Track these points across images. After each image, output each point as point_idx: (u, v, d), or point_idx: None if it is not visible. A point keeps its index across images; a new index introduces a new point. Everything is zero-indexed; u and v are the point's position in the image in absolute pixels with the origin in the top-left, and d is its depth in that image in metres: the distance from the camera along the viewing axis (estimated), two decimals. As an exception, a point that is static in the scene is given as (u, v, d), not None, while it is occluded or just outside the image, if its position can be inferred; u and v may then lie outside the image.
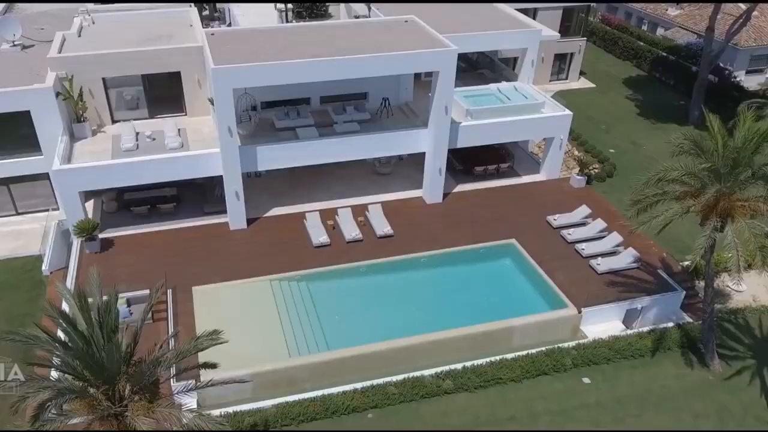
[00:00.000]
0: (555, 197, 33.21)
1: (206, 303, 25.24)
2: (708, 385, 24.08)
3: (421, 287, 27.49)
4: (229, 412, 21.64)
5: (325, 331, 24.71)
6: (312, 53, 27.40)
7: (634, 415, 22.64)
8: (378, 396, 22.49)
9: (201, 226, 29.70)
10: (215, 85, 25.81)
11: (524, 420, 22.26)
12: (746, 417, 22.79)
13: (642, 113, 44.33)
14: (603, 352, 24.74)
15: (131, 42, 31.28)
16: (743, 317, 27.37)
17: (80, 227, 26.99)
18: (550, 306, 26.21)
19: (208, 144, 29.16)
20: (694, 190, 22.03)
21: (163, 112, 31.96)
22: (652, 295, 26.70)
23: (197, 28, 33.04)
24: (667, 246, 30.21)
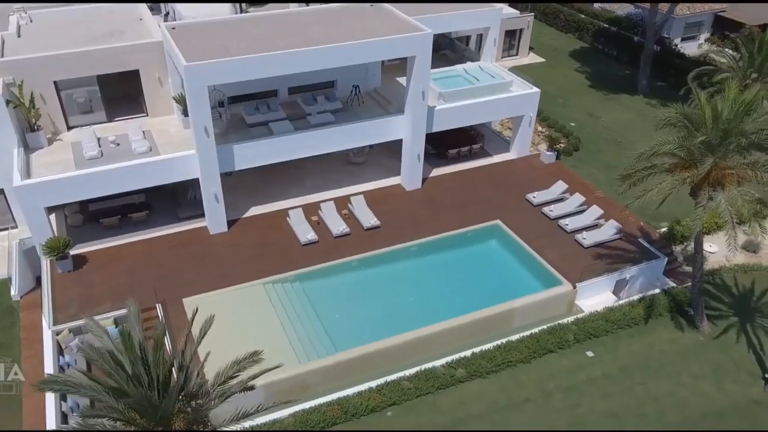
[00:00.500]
0: (529, 175, 33.59)
1: (200, 314, 24.03)
2: (700, 345, 25.14)
3: (415, 277, 27.28)
4: (246, 426, 20.79)
5: (328, 332, 24.17)
6: (285, 44, 26.30)
7: (640, 383, 23.37)
8: (394, 392, 22.23)
9: (178, 233, 28.26)
10: (189, 84, 24.37)
11: (539, 400, 22.57)
12: (740, 373, 23.96)
13: (593, 85, 45.39)
14: (601, 325, 25.35)
15: (79, 41, 29.08)
16: (720, 277, 28.65)
17: (50, 246, 25.08)
18: (545, 284, 26.57)
19: (178, 146, 27.67)
20: (685, 162, 22.62)
21: (122, 114, 30.05)
22: (638, 264, 27.53)
23: (148, 23, 31.13)
24: (641, 215, 31.16)
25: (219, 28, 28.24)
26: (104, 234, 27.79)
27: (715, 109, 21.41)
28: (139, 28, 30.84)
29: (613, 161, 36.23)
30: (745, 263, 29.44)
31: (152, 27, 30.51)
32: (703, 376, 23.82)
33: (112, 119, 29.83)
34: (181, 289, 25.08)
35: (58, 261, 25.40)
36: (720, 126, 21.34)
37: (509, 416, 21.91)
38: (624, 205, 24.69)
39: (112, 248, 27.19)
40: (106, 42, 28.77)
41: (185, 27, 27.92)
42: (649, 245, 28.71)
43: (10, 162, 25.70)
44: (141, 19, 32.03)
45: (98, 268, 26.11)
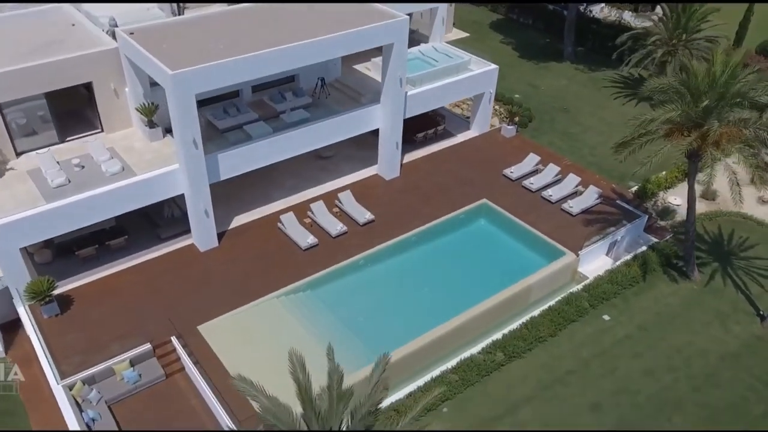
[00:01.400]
0: (497, 150, 34.08)
1: (221, 340, 22.43)
2: (696, 294, 26.92)
3: (424, 266, 26.96)
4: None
5: (359, 337, 23.38)
6: (265, 41, 24.63)
7: (660, 338, 24.69)
8: (443, 387, 21.93)
9: (165, 256, 26.00)
10: (176, 94, 22.21)
11: (580, 370, 23.22)
12: (738, 313, 25.95)
13: (522, 56, 46.60)
14: (608, 288, 26.39)
15: (15, 55, 25.56)
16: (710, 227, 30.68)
17: (33, 290, 22.18)
18: (549, 256, 27.21)
19: (151, 162, 25.33)
20: (681, 127, 23.77)
21: (74, 133, 26.97)
22: (626, 224, 28.86)
23: (85, 28, 27.91)
24: (608, 176, 32.70)
25: (181, 29, 25.94)
26: (81, 267, 25.01)
27: (713, 74, 22.54)
28: (78, 35, 27.57)
29: (569, 128, 37.64)
30: (707, 211, 31.72)
31: (92, 32, 27.39)
32: (709, 322, 25.55)
33: (65, 139, 26.67)
34: (191, 316, 23.18)
35: (42, 306, 22.51)
36: (717, 90, 22.57)
37: (559, 391, 22.39)
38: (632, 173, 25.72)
39: (97, 282, 24.55)
40: (47, 54, 25.49)
41: (145, 31, 25.30)
42: (627, 205, 30.17)
43: (-39, 202, 22.34)
44: (73, 25, 28.65)
45: (89, 306, 23.49)
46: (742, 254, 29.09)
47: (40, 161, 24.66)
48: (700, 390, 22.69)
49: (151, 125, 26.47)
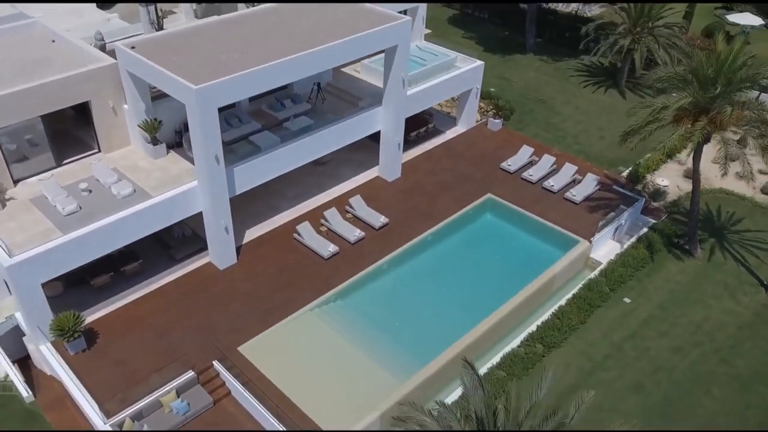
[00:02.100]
0: (488, 144, 34.55)
1: (265, 358, 21.75)
2: (703, 270, 28.25)
3: (443, 265, 27.02)
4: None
5: (398, 341, 23.26)
6: (276, 49, 23.98)
7: (680, 315, 25.78)
8: (492, 385, 22.11)
9: (184, 277, 24.93)
10: (200, 109, 21.25)
11: (615, 354, 23.93)
12: (743, 285, 27.39)
13: (487, 49, 47.24)
14: (622, 271, 27.29)
15: (3, 76, 23.82)
16: (682, 206, 32.16)
17: (60, 327, 20.78)
18: (563, 245, 27.86)
19: (161, 180, 24.21)
20: (689, 112, 24.82)
21: (71, 155, 25.43)
22: (627, 208, 29.91)
23: (68, 43, 26.27)
24: (597, 163, 33.80)
25: (182, 41, 24.78)
26: (97, 297, 23.64)
27: (722, 61, 23.59)
28: (63, 51, 25.94)
29: (549, 119, 38.57)
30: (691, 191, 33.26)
31: (79, 47, 25.81)
32: (719, 295, 26.88)
33: (61, 163, 25.07)
34: (227, 338, 22.38)
35: (69, 342, 21.11)
36: (726, 75, 23.69)
37: (601, 377, 23.02)
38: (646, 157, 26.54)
39: (119, 311, 23.27)
40: (38, 73, 23.88)
41: (146, 44, 24.06)
42: (623, 190, 31.27)
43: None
44: (53, 41, 26.89)
45: (115, 337, 22.23)
46: (733, 228, 30.72)
47: (45, 188, 23.07)
48: (728, 361, 23.87)
49: (154, 142, 25.27)
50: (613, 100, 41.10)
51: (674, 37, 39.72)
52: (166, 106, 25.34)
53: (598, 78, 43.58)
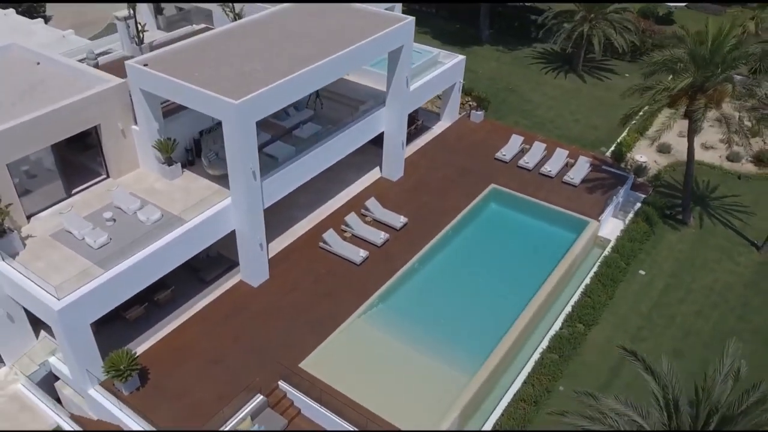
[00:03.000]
0: (476, 136, 35.28)
1: (329, 371, 21.42)
2: (699, 237, 30.25)
3: (467, 257, 27.50)
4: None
5: (450, 337, 23.51)
6: (295, 56, 23.56)
7: (692, 281, 27.53)
8: (548, 367, 22.83)
9: (219, 299, 24.06)
10: (240, 124, 20.53)
11: (647, 325, 25.27)
12: (736, 246, 29.53)
13: (445, 43, 47.97)
14: (630, 246, 28.75)
15: (4, 105, 22.03)
16: (663, 179, 34.24)
17: (114, 366, 19.55)
18: (573, 226, 29.01)
19: (188, 202, 23.23)
20: (685, 92, 26.43)
21: (79, 184, 23.89)
22: (622, 185, 31.48)
23: (60, 63, 24.62)
24: (579, 145, 35.32)
25: (194, 53, 23.77)
26: (134, 330, 22.44)
27: (718, 43, 25.23)
28: (56, 73, 24.25)
29: (522, 107, 39.86)
30: (668, 163, 35.52)
31: (72, 67, 24.25)
32: (719, 258, 28.91)
33: (71, 193, 23.47)
34: (284, 355, 21.85)
35: (124, 382, 19.91)
36: (721, 55, 25.41)
37: (642, 347, 24.11)
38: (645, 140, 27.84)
39: (162, 342, 22.20)
40: (39, 99, 22.27)
41: (157, 60, 22.90)
42: (612, 169, 32.88)
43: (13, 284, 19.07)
44: (38, 63, 25.07)
45: (166, 370, 21.18)
46: (713, 195, 33.02)
47: (67, 222, 21.53)
48: (744, 318, 25.76)
49: (169, 162, 24.14)
50: (575, 84, 42.98)
51: (626, 21, 42.00)
52: (175, 125, 24.27)
53: (555, 64, 45.38)
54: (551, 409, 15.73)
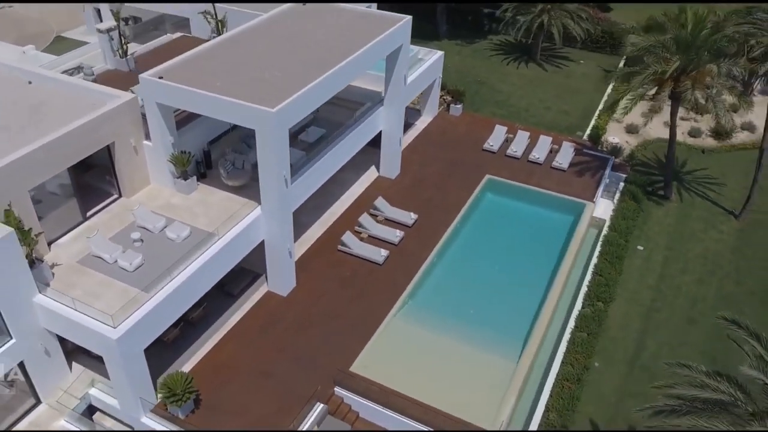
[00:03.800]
0: (459, 129, 36.03)
1: (382, 371, 21.53)
2: (683, 211, 32.19)
3: (479, 247, 28.22)
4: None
5: (486, 325, 24.14)
6: (308, 60, 23.47)
7: (686, 251, 29.32)
8: (580, 346, 23.81)
9: (251, 312, 23.66)
10: (277, 132, 20.25)
11: (659, 297, 26.66)
12: (718, 216, 31.59)
13: (404, 39, 48.50)
14: (624, 224, 30.24)
15: (13, 129, 20.79)
16: (638, 159, 36.15)
17: (170, 389, 18.93)
18: (570, 209, 30.30)
19: (212, 215, 22.76)
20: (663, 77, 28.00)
21: (93, 206, 22.77)
22: (606, 167, 33.05)
23: (54, 79, 23.44)
24: (557, 131, 36.75)
25: (204, 63, 23.15)
26: (172, 352, 21.75)
27: (701, 27, 26.88)
28: (54, 92, 23.00)
29: (494, 97, 40.96)
30: (638, 143, 37.52)
31: (69, 83, 23.15)
32: (704, 228, 30.91)
33: (87, 216, 22.37)
34: (332, 361, 21.80)
35: (180, 406, 19.30)
36: (703, 39, 27.11)
37: (658, 318, 25.68)
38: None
39: (204, 361, 21.67)
40: (48, 121, 21.12)
41: (170, 71, 22.15)
42: (593, 151, 34.44)
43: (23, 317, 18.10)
44: (30, 82, 23.68)
45: (215, 388, 20.67)
46: (684, 170, 35.19)
47: (95, 247, 20.52)
48: (740, 282, 27.74)
49: (185, 176, 23.45)
50: (537, 73, 44.54)
51: (581, 10, 43.88)
52: (185, 138, 23.59)
53: (515, 54, 46.82)
54: (659, 382, 16.26)
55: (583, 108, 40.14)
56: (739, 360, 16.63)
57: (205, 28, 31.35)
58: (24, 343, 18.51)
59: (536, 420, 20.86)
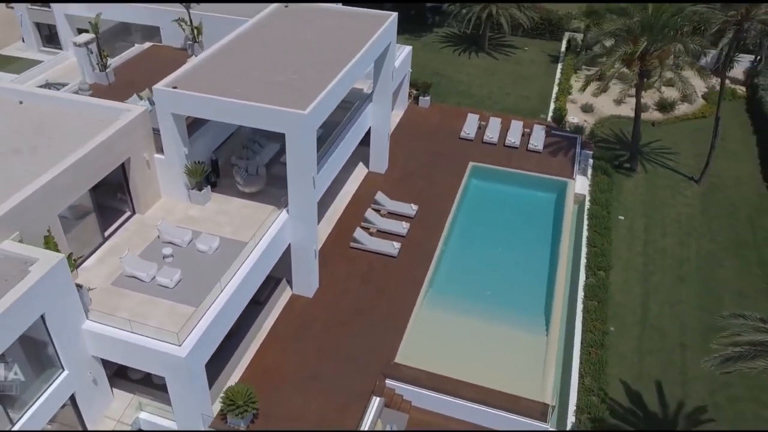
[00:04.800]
0: (431, 120, 36.94)
1: (426, 360, 22.10)
2: (648, 180, 34.62)
3: (477, 232, 29.31)
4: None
5: (508, 305, 25.20)
6: (315, 62, 23.60)
7: (662, 217, 31.65)
8: (594, 313, 25.32)
9: (282, 316, 23.68)
10: (306, 134, 20.33)
11: (649, 261, 28.72)
12: (681, 182, 34.27)
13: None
14: (603, 197, 32.20)
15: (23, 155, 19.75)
16: (598, 135, 38.39)
17: (232, 401, 18.75)
18: (554, 188, 31.95)
19: (236, 224, 22.59)
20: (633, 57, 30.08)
21: (110, 225, 21.96)
22: (576, 146, 34.97)
23: (46, 96, 22.45)
24: (522, 115, 38.43)
25: (212, 69, 22.76)
26: (216, 365, 21.21)
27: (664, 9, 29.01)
28: (50, 111, 21.92)
29: (457, 88, 42.22)
30: (595, 121, 39.84)
31: (65, 100, 22.21)
32: (672, 195, 33.44)
33: (105, 237, 21.55)
34: (376, 356, 22.20)
35: (243, 418, 19.14)
36: (665, 20, 29.29)
37: (653, 279, 27.70)
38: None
39: (248, 370, 21.47)
40: (59, 142, 20.23)
41: (182, 80, 21.64)
42: (561, 132, 36.31)
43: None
44: (21, 102, 22.45)
45: (268, 395, 20.53)
46: (641, 143, 37.71)
47: (129, 266, 19.83)
48: (714, 240, 30.27)
49: (200, 187, 23.04)
50: (488, 62, 46.18)
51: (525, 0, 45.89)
52: (194, 147, 23.15)
53: (463, 45, 48.27)
54: (722, 334, 17.52)
55: (539, 92, 42.07)
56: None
57: (178, 37, 30.57)
58: (76, 373, 17.74)
59: (574, 386, 22.09)
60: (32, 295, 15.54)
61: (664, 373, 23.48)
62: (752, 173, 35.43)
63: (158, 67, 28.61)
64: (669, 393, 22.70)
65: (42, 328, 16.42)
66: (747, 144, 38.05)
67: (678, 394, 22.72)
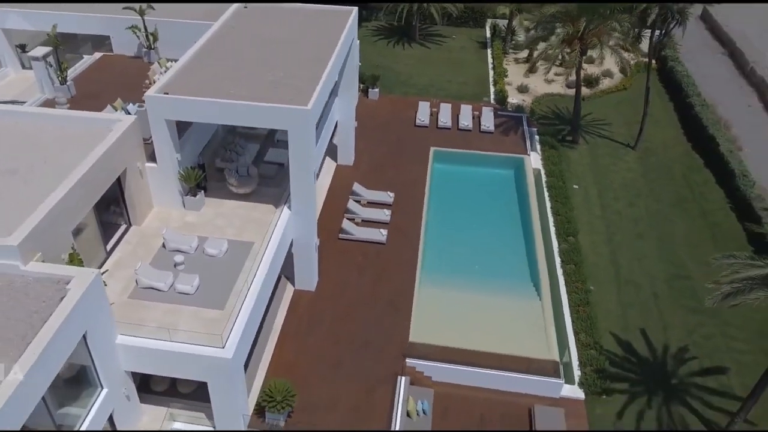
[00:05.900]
0: (384, 110, 38.14)
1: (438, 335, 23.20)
2: (590, 150, 37.26)
3: (452, 214, 30.67)
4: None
5: (499, 277, 26.75)
6: (298, 59, 23.89)
7: (611, 182, 34.20)
8: (573, 276, 27.26)
9: (289, 312, 24.05)
10: (308, 129, 20.69)
11: (611, 223, 30.99)
12: (618, 150, 37.09)
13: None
14: (556, 169, 34.45)
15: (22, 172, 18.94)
16: (539, 113, 40.69)
17: (272, 398, 19.01)
18: (512, 165, 33.90)
19: (238, 226, 22.61)
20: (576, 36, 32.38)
21: (109, 239, 21.37)
22: (522, 124, 37.09)
23: (27, 114, 21.55)
24: (468, 100, 40.17)
25: (198, 73, 22.57)
26: (236, 369, 21.38)
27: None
28: (32, 125, 21.04)
29: (400, 78, 43.28)
30: (532, 100, 42.20)
31: (42, 115, 21.47)
32: (615, 162, 36.16)
33: (107, 247, 21.02)
34: (389, 339, 23.00)
35: (281, 413, 19.41)
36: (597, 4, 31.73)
37: (617, 239, 30.03)
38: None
39: (273, 366, 21.81)
40: (53, 157, 19.54)
41: (173, 85, 21.36)
42: (507, 112, 38.37)
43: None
44: None
45: (298, 387, 20.67)
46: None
47: (145, 278, 19.47)
48: (659, 200, 33.14)
49: (194, 192, 22.87)
50: (422, 51, 47.63)
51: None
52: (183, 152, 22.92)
53: (395, 37, 49.47)
54: (710, 284, 19.14)
55: (476, 77, 43.95)
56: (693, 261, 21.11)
57: (130, 45, 29.72)
58: (113, 391, 17.37)
59: (572, 342, 23.86)
60: (76, 314, 15.16)
61: (645, 321, 25.74)
62: (676, 136, 38.89)
63: (116, 78, 28.04)
64: (654, 339, 24.94)
65: (83, 347, 16.02)
66: (667, 110, 41.63)
67: (662, 338, 25.02)
